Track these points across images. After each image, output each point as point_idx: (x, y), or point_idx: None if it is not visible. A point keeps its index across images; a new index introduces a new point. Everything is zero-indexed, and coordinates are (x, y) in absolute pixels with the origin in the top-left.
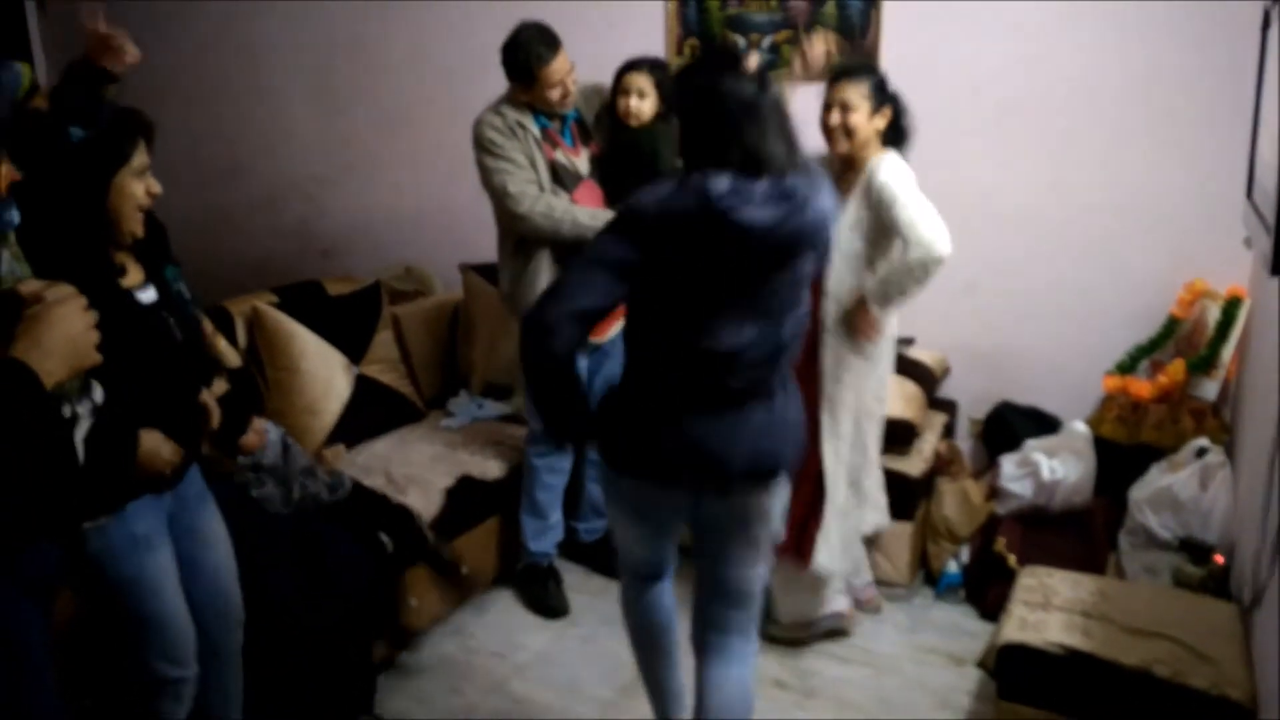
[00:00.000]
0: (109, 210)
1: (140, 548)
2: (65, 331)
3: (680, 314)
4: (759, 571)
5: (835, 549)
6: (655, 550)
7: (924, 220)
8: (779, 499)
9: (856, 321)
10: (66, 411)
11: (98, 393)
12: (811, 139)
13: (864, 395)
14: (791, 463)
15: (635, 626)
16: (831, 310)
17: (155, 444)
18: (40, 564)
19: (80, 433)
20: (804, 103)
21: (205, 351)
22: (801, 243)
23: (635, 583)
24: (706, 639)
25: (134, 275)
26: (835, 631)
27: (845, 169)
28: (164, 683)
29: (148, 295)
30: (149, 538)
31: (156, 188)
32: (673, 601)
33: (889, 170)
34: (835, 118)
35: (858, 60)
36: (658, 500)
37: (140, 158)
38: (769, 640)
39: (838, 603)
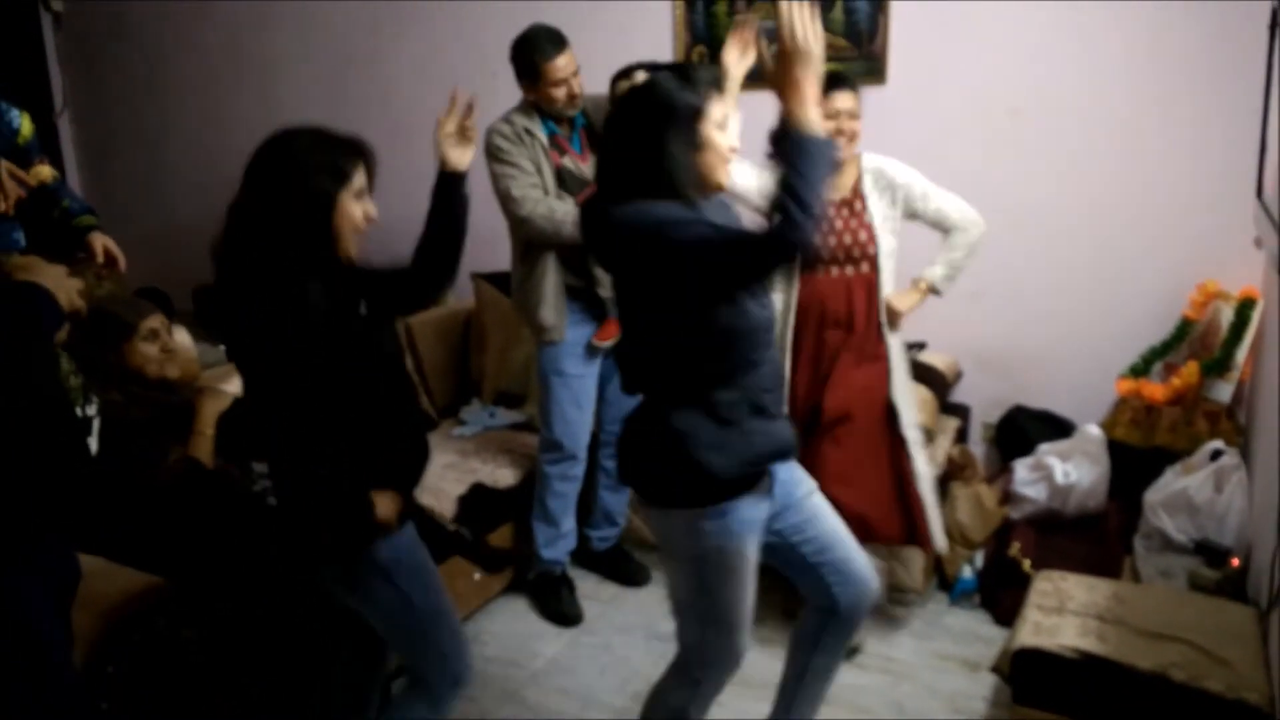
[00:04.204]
0: (331, 229)
1: (417, 546)
2: None
3: None
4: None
5: (938, 524)
6: None
7: (963, 202)
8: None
9: (896, 311)
10: (78, 413)
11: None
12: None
13: (909, 377)
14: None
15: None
16: (883, 309)
17: (386, 506)
18: (60, 562)
19: (93, 431)
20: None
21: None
22: None
23: None
24: None
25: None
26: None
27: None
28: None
29: (362, 307)
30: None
31: (374, 212)
32: None
33: (897, 166)
34: (844, 126)
35: (835, 69)
36: None
37: (359, 179)
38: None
39: None
